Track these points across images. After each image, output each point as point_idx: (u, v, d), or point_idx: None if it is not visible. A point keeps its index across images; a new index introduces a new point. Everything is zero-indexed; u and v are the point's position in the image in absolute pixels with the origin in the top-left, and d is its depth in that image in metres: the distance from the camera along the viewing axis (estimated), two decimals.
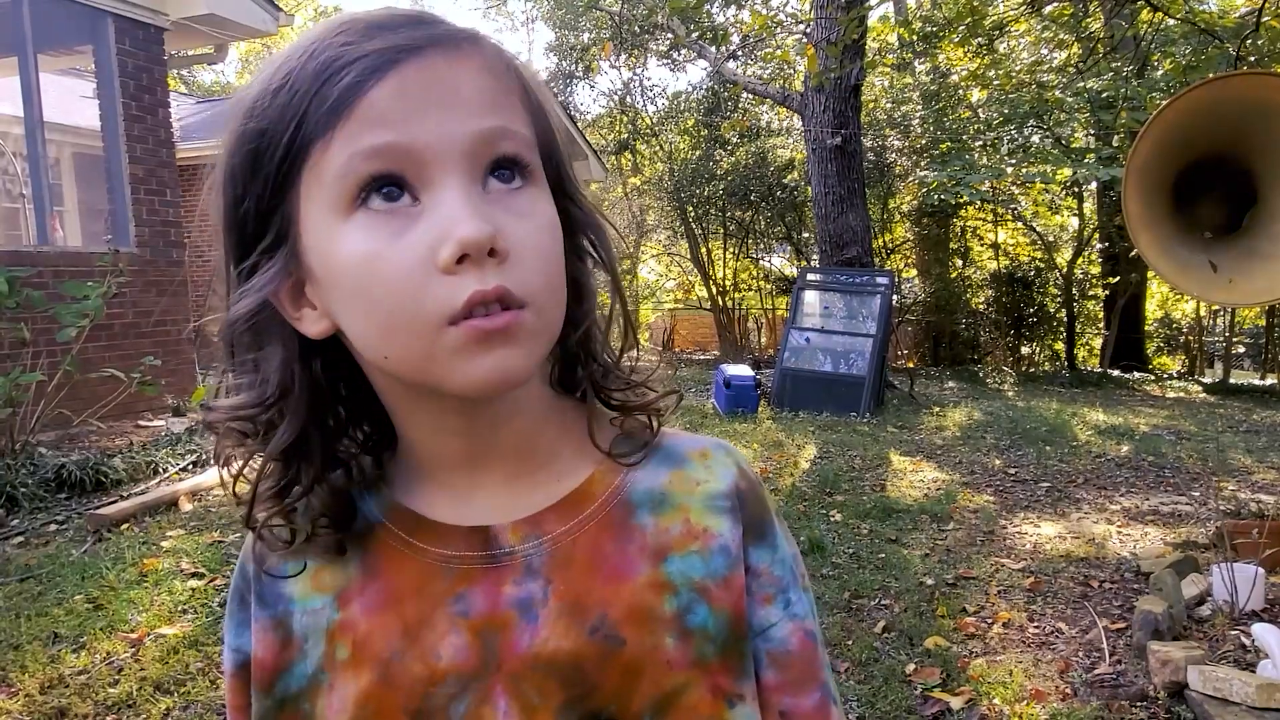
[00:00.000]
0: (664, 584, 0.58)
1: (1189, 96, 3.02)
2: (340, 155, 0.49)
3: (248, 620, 0.61)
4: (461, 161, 0.49)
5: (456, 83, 0.50)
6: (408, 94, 0.49)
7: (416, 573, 0.57)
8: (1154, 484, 5.44)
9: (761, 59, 13.84)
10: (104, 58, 6.44)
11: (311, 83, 0.49)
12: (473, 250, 0.47)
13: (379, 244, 0.49)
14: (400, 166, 0.49)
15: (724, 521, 0.60)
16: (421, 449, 0.59)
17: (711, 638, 0.57)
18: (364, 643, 0.56)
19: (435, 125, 0.49)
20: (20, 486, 4.32)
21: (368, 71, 0.48)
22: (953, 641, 3.08)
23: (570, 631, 0.56)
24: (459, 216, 0.48)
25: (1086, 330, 14.76)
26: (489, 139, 0.50)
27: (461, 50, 0.51)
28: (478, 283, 0.48)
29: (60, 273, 5.79)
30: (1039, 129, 11.61)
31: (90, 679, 2.67)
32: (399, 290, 0.48)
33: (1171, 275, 3.22)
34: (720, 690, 0.57)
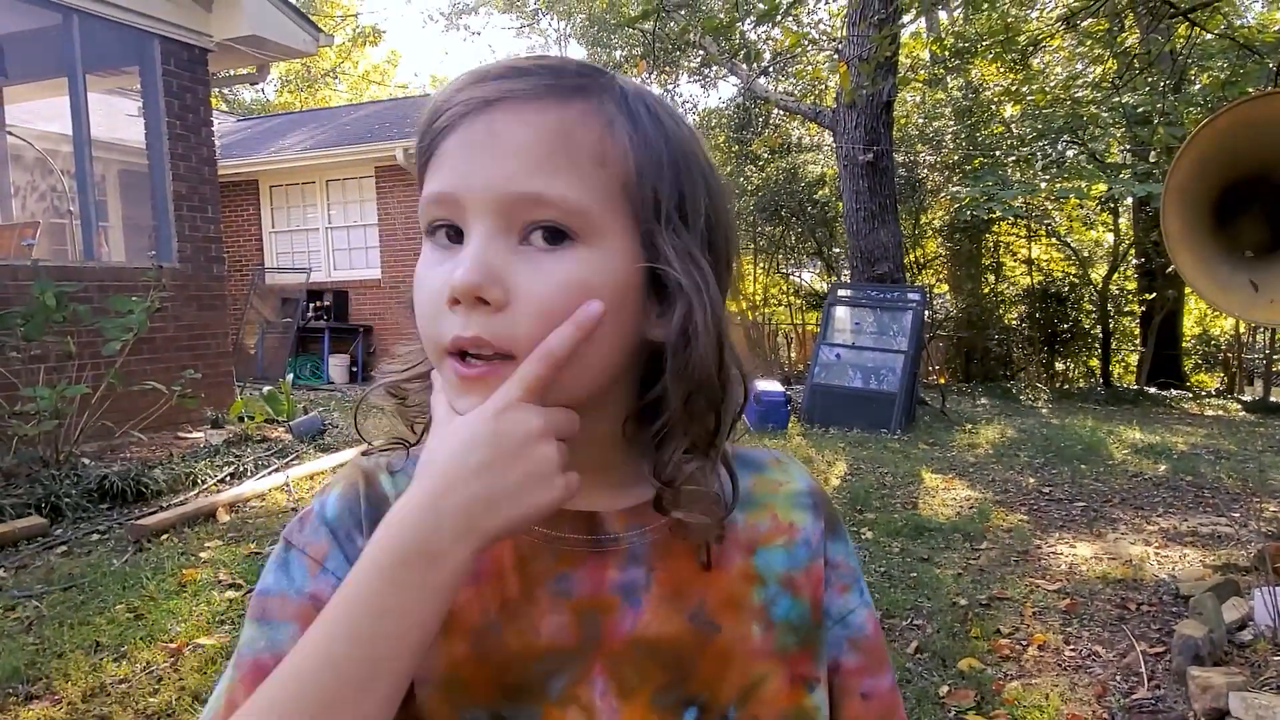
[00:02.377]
0: (753, 576, 0.62)
1: (1229, 114, 2.99)
2: (424, 191, 0.57)
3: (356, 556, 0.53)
4: (491, 214, 0.53)
5: (512, 138, 0.53)
6: (465, 145, 0.54)
7: (518, 549, 0.59)
8: (1193, 504, 5.34)
9: (794, 75, 13.86)
10: (150, 78, 6.61)
11: (427, 121, 0.57)
12: (460, 296, 0.52)
13: (424, 269, 0.56)
14: (450, 214, 0.55)
15: (807, 517, 0.66)
16: None
17: (794, 628, 0.62)
18: (457, 612, 0.57)
19: (477, 179, 0.53)
20: (64, 497, 4.42)
21: (448, 123, 0.55)
22: (987, 663, 3.04)
23: (671, 617, 0.59)
24: (462, 261, 0.53)
25: (1122, 347, 14.55)
26: (521, 202, 0.53)
27: (540, 106, 0.54)
28: (460, 327, 0.53)
29: (105, 287, 5.93)
30: (1073, 144, 11.50)
31: (131, 688, 2.72)
32: (425, 313, 0.56)
33: (1212, 294, 3.18)
34: (800, 677, 0.62)
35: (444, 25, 26.42)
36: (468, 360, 0.53)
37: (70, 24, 6.09)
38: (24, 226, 8.68)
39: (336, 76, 25.81)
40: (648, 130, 0.56)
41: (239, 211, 11.95)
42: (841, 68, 8.47)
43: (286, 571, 0.58)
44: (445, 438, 0.52)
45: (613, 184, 0.54)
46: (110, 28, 6.25)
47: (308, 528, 0.59)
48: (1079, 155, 11.67)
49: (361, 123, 12.86)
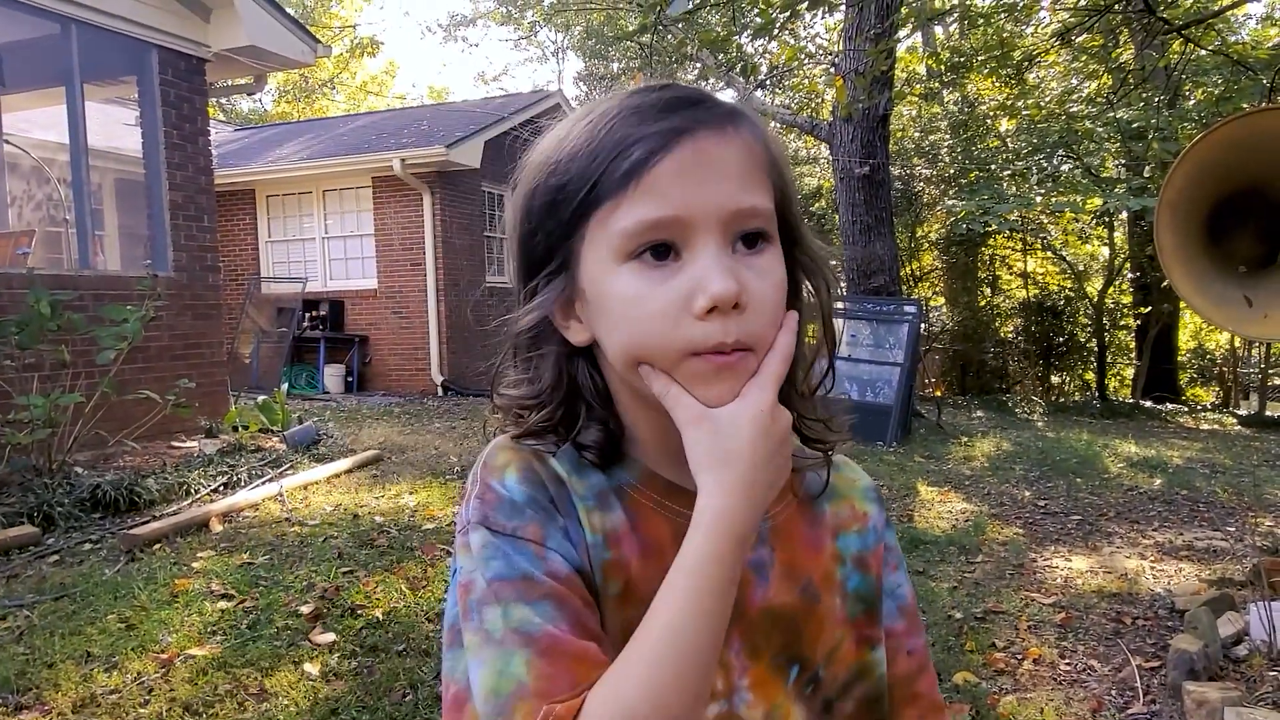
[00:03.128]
0: (837, 555, 0.75)
1: (1223, 130, 3.00)
2: (628, 219, 0.61)
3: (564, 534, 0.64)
4: (717, 229, 0.61)
5: (722, 162, 0.61)
6: (683, 171, 0.60)
7: (672, 529, 0.66)
8: (1188, 518, 5.34)
9: (790, 88, 13.92)
10: (147, 88, 6.62)
11: (609, 153, 0.61)
12: (721, 304, 0.59)
13: (645, 286, 0.61)
14: (671, 235, 0.61)
15: (874, 507, 0.79)
16: (646, 435, 0.69)
17: (862, 597, 0.75)
18: (635, 582, 0.65)
19: (701, 199, 0.60)
20: (57, 505, 4.40)
21: (652, 150, 0.60)
22: (982, 677, 3.04)
23: (789, 590, 0.70)
24: (713, 274, 0.59)
25: (1118, 360, 14.58)
26: (742, 216, 0.61)
27: (726, 133, 0.62)
28: (722, 334, 0.60)
29: (100, 296, 5.92)
30: (1068, 158, 11.56)
31: (121, 699, 2.70)
32: (657, 321, 0.61)
33: (1205, 309, 3.19)
34: (865, 639, 0.74)
35: (442, 37, 26.59)
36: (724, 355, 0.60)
37: (69, 33, 6.09)
38: (20, 235, 8.66)
39: (334, 87, 25.86)
40: (775, 140, 0.67)
41: (235, 221, 11.94)
42: (838, 81, 8.51)
43: (509, 558, 0.62)
44: (729, 431, 0.60)
45: (771, 191, 0.64)
46: (108, 37, 6.26)
47: (502, 511, 0.64)
48: (1074, 169, 11.72)
49: (359, 133, 12.87)
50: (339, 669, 2.95)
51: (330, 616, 3.34)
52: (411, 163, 10.60)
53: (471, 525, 0.64)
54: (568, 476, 0.67)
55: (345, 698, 2.76)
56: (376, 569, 3.84)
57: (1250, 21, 13.67)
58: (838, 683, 0.72)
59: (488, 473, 0.66)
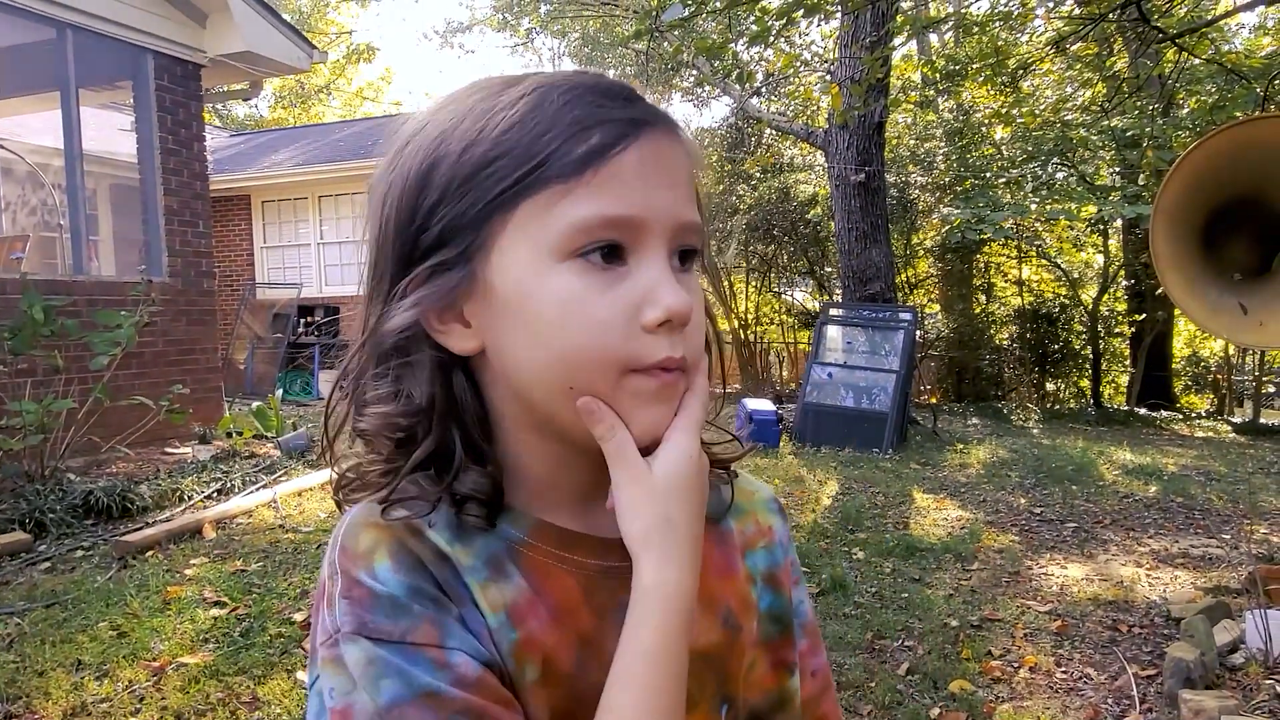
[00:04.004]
0: (749, 576, 0.68)
1: (1218, 138, 3.01)
2: (583, 209, 0.53)
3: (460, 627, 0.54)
4: (666, 238, 0.56)
5: (675, 165, 0.57)
6: (644, 166, 0.54)
7: (578, 586, 0.59)
8: (1183, 526, 5.34)
9: (786, 96, 13.95)
10: (143, 93, 6.61)
11: (564, 131, 0.53)
12: (677, 319, 0.54)
13: (589, 291, 0.54)
14: (623, 236, 0.54)
15: (777, 520, 0.73)
16: (538, 476, 0.60)
17: (775, 618, 0.69)
18: (551, 660, 0.57)
19: (659, 203, 0.55)
20: (49, 512, 4.37)
21: (618, 136, 0.54)
22: (978, 685, 3.03)
23: (712, 625, 0.63)
24: (666, 287, 0.54)
25: (1112, 367, 14.61)
26: (688, 229, 0.57)
27: (674, 133, 0.57)
28: (670, 349, 0.55)
29: (94, 301, 5.90)
30: (1063, 166, 11.59)
31: (112, 707, 2.68)
32: (598, 335, 0.54)
33: (1200, 317, 3.19)
34: (781, 663, 0.68)
35: (438, 43, 26.61)
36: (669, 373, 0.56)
37: (64, 38, 6.08)
38: (14, 240, 8.64)
39: (330, 93, 25.86)
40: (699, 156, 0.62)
41: (230, 226, 11.93)
42: (833, 89, 8.53)
43: (404, 674, 0.51)
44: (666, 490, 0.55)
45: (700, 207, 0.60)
46: (104, 42, 6.25)
47: (381, 611, 0.53)
48: (1069, 177, 11.75)
49: (354, 139, 12.88)
50: None
51: None
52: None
53: (344, 636, 0.52)
54: (449, 548, 0.56)
55: None
56: None
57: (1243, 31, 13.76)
58: (748, 708, 0.65)
59: (350, 562, 0.54)
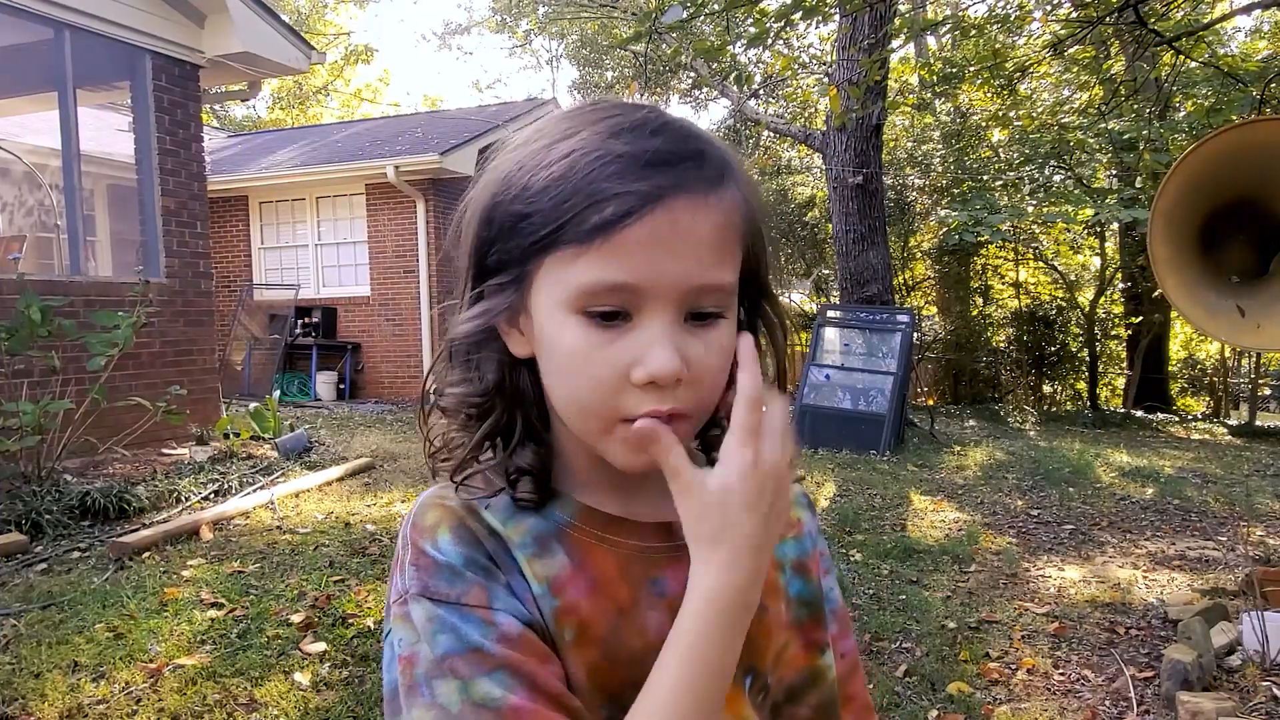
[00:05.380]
0: (777, 563, 0.74)
1: (1216, 141, 3.02)
2: (585, 276, 0.58)
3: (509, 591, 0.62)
4: (674, 301, 0.59)
5: (695, 235, 0.59)
6: (654, 240, 0.58)
7: (616, 562, 0.66)
8: (1180, 528, 5.35)
9: (784, 98, 13.97)
10: (141, 93, 6.60)
11: (581, 201, 0.58)
12: (662, 381, 0.58)
13: (589, 347, 0.59)
14: (625, 301, 0.59)
15: (806, 514, 0.80)
16: (578, 466, 0.68)
17: (805, 603, 0.75)
18: (587, 624, 0.64)
19: (665, 272, 0.58)
20: (45, 513, 4.36)
21: (627, 211, 0.57)
22: (976, 687, 3.03)
23: None
24: (656, 349, 0.58)
25: (1109, 370, 14.64)
26: (702, 292, 0.60)
27: (708, 201, 0.60)
28: (657, 403, 0.59)
29: (91, 302, 5.89)
30: (1060, 169, 11.62)
31: (109, 709, 2.67)
32: (595, 387, 0.60)
33: (1199, 319, 3.20)
34: (813, 643, 0.75)
35: (436, 45, 26.62)
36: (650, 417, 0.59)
37: (61, 39, 6.07)
38: (10, 240, 8.63)
39: (328, 94, 25.85)
40: (755, 202, 0.65)
41: (228, 227, 11.91)
42: (831, 91, 8.54)
43: (457, 631, 0.59)
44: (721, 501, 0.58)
45: (738, 259, 0.63)
46: (101, 43, 6.25)
47: (442, 577, 0.61)
48: (1065, 180, 11.78)
49: (353, 140, 12.87)
50: (330, 679, 2.93)
51: (321, 625, 3.31)
52: (405, 170, 10.60)
53: (411, 596, 0.61)
54: (502, 527, 0.65)
55: (336, 708, 2.74)
56: (368, 578, 3.82)
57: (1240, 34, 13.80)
58: (783, 686, 0.72)
59: (418, 535, 0.63)
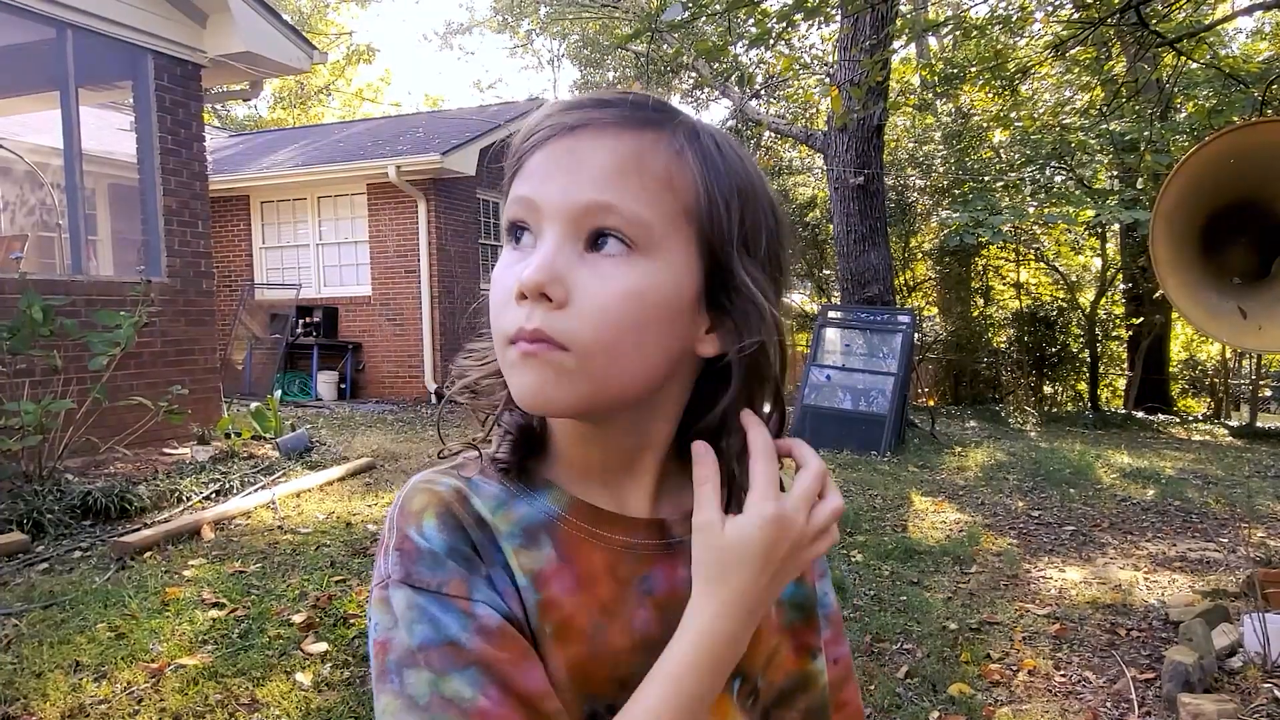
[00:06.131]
0: None
1: (1217, 142, 3.02)
2: (508, 199, 0.63)
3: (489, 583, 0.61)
4: (564, 221, 0.59)
5: (587, 158, 0.59)
6: (548, 162, 0.60)
7: (605, 558, 0.66)
8: (1181, 529, 5.35)
9: (785, 98, 13.97)
10: (143, 93, 6.60)
11: (519, 142, 0.63)
12: (526, 291, 0.58)
13: (501, 269, 0.62)
14: (526, 216, 0.61)
15: None
16: (572, 450, 0.67)
17: (799, 606, 0.74)
18: (570, 621, 0.63)
19: (554, 189, 0.59)
20: (47, 513, 4.36)
21: (537, 142, 0.61)
22: (977, 689, 3.03)
23: None
24: (531, 262, 0.58)
25: (1110, 371, 14.63)
26: (592, 210, 0.59)
27: (609, 132, 0.60)
28: (524, 319, 0.58)
29: (93, 301, 5.89)
30: (1061, 170, 11.62)
31: (110, 709, 2.67)
32: (495, 308, 0.62)
33: (1200, 320, 3.20)
34: (805, 647, 0.74)
35: (438, 45, 26.63)
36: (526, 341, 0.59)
37: (64, 38, 6.08)
38: (12, 239, 8.63)
39: (330, 94, 25.86)
40: (717, 163, 0.62)
41: (229, 227, 11.91)
42: (833, 92, 8.54)
43: (435, 622, 0.59)
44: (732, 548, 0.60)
45: (677, 206, 0.60)
46: (103, 42, 6.25)
47: (424, 564, 0.60)
48: (1066, 181, 11.78)
49: (354, 140, 12.87)
50: (331, 679, 2.93)
51: (323, 626, 3.32)
52: (407, 170, 10.59)
53: (393, 582, 0.60)
54: (491, 515, 0.64)
55: (338, 708, 2.74)
56: (369, 578, 3.81)
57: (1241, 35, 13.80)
58: (774, 690, 0.71)
59: (404, 520, 0.62)
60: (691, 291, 0.61)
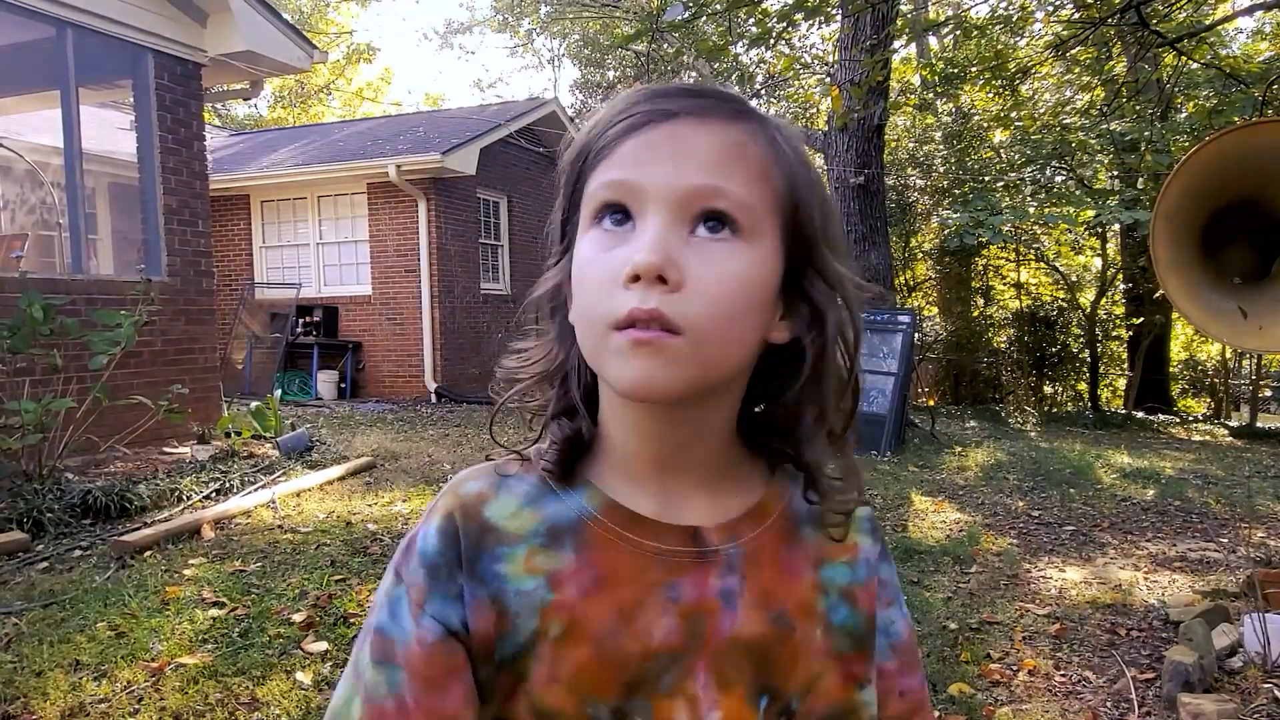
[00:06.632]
0: (819, 586, 0.70)
1: (1218, 142, 3.02)
2: (594, 184, 0.61)
3: (455, 595, 0.63)
4: (671, 205, 0.59)
5: (693, 144, 0.60)
6: (650, 146, 0.60)
7: (631, 562, 0.65)
8: (1181, 529, 5.35)
9: (786, 98, 13.96)
10: (143, 92, 6.60)
11: (604, 125, 0.62)
12: (643, 273, 0.57)
13: (596, 253, 0.60)
14: (624, 198, 0.60)
15: (867, 539, 0.74)
16: (622, 446, 0.67)
17: (850, 633, 0.70)
18: (580, 622, 0.63)
19: (660, 173, 0.59)
20: (47, 512, 4.36)
21: (629, 128, 0.60)
22: (977, 689, 3.03)
23: (760, 619, 0.66)
24: (644, 245, 0.57)
25: (1110, 371, 14.63)
26: (702, 193, 0.59)
27: (710, 122, 0.61)
28: (639, 301, 0.57)
29: (93, 300, 5.89)
30: (1062, 170, 11.61)
31: (110, 708, 2.67)
32: (593, 292, 0.60)
33: (1201, 320, 3.20)
34: (852, 676, 0.70)
35: (438, 44, 26.63)
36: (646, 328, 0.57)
37: (64, 37, 6.08)
38: (12, 238, 8.63)
39: (330, 93, 25.85)
40: (802, 157, 0.64)
41: (229, 226, 11.92)
42: (833, 91, 8.54)
43: (395, 612, 0.64)
44: None
45: (771, 195, 0.61)
46: (103, 41, 6.25)
47: (412, 562, 0.65)
48: (1067, 181, 11.78)
49: (354, 139, 12.87)
50: (331, 678, 2.93)
51: (323, 625, 3.32)
52: (407, 169, 10.60)
53: (393, 564, 0.66)
54: (508, 519, 0.65)
55: None
56: (369, 577, 3.82)
57: (1241, 36, 13.80)
58: (814, 717, 0.68)
59: (427, 516, 0.66)
60: (778, 278, 0.62)
